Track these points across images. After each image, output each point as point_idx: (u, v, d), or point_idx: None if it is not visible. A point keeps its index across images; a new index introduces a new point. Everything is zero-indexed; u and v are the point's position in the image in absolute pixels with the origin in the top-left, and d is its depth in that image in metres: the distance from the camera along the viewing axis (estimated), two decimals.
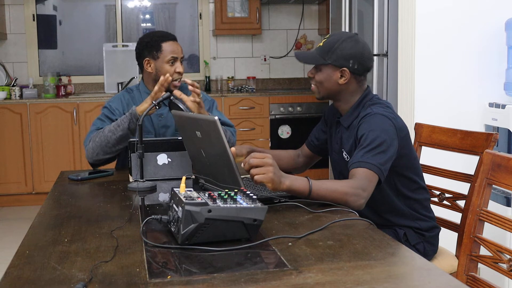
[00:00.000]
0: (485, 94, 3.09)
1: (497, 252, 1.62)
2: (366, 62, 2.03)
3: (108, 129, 2.40)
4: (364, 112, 1.98)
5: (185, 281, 1.23)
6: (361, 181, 1.81)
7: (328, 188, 1.80)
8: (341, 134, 2.09)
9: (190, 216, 1.39)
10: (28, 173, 5.04)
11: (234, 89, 5.66)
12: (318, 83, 2.05)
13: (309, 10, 6.00)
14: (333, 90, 2.04)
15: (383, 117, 1.92)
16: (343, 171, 2.10)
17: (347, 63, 2.00)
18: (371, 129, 1.90)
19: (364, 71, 2.04)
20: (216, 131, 1.75)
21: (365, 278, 1.23)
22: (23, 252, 1.44)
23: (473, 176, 2.08)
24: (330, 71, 2.02)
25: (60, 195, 2.10)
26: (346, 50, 2.00)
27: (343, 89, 2.04)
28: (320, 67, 2.04)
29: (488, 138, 2.03)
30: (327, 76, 2.03)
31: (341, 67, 2.00)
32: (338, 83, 2.02)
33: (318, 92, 2.08)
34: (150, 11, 6.00)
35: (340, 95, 2.05)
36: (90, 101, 5.10)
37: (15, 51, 5.57)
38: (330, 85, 2.03)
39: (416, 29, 3.04)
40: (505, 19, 3.01)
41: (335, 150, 2.14)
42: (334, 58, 2.00)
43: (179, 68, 2.54)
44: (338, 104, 2.10)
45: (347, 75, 2.01)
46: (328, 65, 2.02)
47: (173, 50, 2.54)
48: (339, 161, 2.12)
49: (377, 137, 1.87)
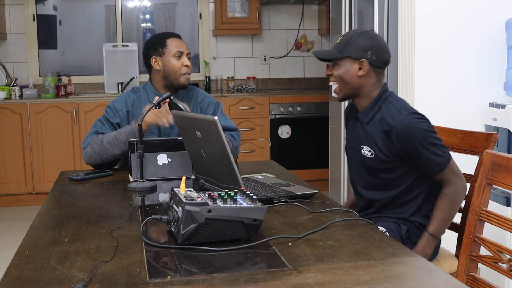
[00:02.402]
0: (485, 94, 3.09)
1: (497, 252, 1.62)
2: (384, 54, 2.06)
3: (106, 140, 2.39)
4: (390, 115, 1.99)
5: (185, 281, 1.23)
6: (457, 180, 1.98)
7: (445, 216, 1.98)
8: (358, 130, 2.10)
9: (190, 216, 1.39)
10: (28, 173, 5.04)
11: (234, 89, 5.66)
12: (338, 78, 2.06)
13: (309, 10, 6.00)
14: (354, 84, 2.05)
15: (414, 118, 1.97)
16: (359, 168, 2.13)
17: (365, 54, 2.02)
18: (419, 136, 1.95)
19: (382, 63, 2.06)
20: (216, 131, 1.75)
21: (365, 278, 1.23)
22: (23, 252, 1.44)
23: (473, 176, 2.08)
24: (348, 64, 2.04)
25: (60, 195, 2.10)
26: (363, 43, 2.03)
27: (363, 83, 2.05)
28: (338, 62, 2.06)
29: (488, 138, 2.03)
30: (346, 70, 2.04)
31: (359, 59, 2.02)
32: (357, 75, 2.03)
33: (341, 90, 2.09)
34: (150, 11, 6.00)
35: (361, 89, 2.06)
36: (90, 101, 5.10)
37: (15, 51, 5.57)
38: (349, 78, 2.04)
39: (416, 29, 3.03)
40: (505, 19, 3.01)
41: (351, 147, 2.15)
42: (352, 50, 2.02)
43: (187, 62, 2.56)
44: (357, 101, 2.10)
45: (365, 67, 2.02)
46: (346, 58, 2.03)
47: (178, 45, 2.57)
48: (355, 158, 2.13)
49: (428, 136, 1.95)
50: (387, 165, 2.03)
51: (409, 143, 1.95)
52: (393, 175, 2.04)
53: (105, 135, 2.43)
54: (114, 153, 2.38)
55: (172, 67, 2.54)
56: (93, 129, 2.51)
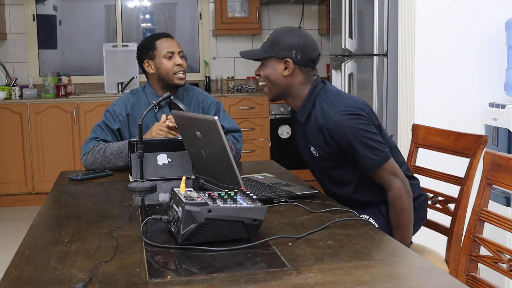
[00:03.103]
0: (485, 94, 3.09)
1: (497, 252, 1.62)
2: (310, 53, 2.01)
3: (110, 151, 2.39)
4: (321, 112, 1.96)
5: (185, 281, 1.23)
6: (394, 183, 1.93)
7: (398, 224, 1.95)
8: (302, 129, 2.08)
9: (190, 216, 1.39)
10: (28, 173, 5.04)
11: (234, 89, 5.66)
12: (266, 79, 2.04)
13: (309, 10, 6.00)
14: (281, 84, 2.02)
15: (346, 115, 1.92)
16: (314, 168, 2.12)
17: (289, 54, 1.99)
18: (349, 132, 1.90)
19: (308, 61, 2.02)
20: (216, 131, 1.75)
21: (365, 278, 1.23)
22: (23, 252, 1.44)
23: (463, 179, 2.05)
24: (274, 64, 2.01)
25: (60, 195, 2.10)
26: (287, 42, 2.00)
27: (290, 82, 2.02)
28: (265, 62, 2.03)
29: (478, 141, 2.00)
30: (272, 70, 2.02)
31: (283, 58, 1.99)
32: (283, 75, 2.01)
33: (269, 91, 2.06)
34: (150, 11, 6.00)
35: (289, 89, 2.03)
36: (90, 101, 5.10)
37: (15, 51, 5.57)
38: (276, 78, 2.02)
39: (416, 29, 3.04)
40: (505, 19, 3.01)
41: (301, 147, 2.13)
42: (277, 50, 2.00)
43: (178, 61, 2.55)
44: (290, 101, 2.08)
45: (291, 66, 2.00)
46: (271, 58, 2.01)
47: (168, 46, 2.56)
48: (308, 157, 2.11)
49: (359, 135, 1.90)
50: (332, 162, 2.01)
51: (341, 140, 1.92)
52: (342, 171, 2.02)
53: (108, 145, 2.41)
54: (118, 165, 2.39)
55: (165, 69, 2.54)
56: (92, 135, 2.50)
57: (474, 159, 2.00)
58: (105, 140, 2.49)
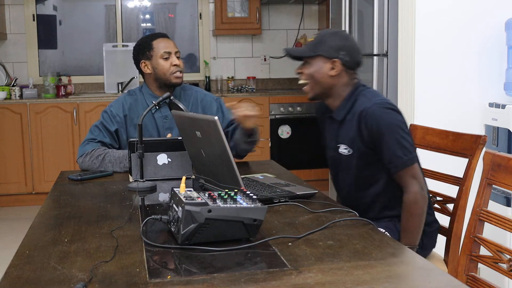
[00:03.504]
0: (485, 94, 3.09)
1: (497, 252, 1.62)
2: (357, 56, 2.03)
3: (109, 159, 2.38)
4: (361, 104, 1.97)
5: (185, 281, 1.23)
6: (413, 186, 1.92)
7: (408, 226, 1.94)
8: (335, 130, 2.08)
9: (190, 216, 1.39)
10: (28, 173, 5.04)
11: (234, 89, 5.66)
12: (309, 77, 2.03)
13: (309, 10, 6.00)
14: (325, 84, 2.02)
15: (385, 108, 1.94)
16: (339, 169, 2.11)
17: (337, 54, 1.99)
18: (382, 122, 1.91)
19: (355, 64, 2.03)
20: (216, 131, 1.75)
21: (365, 278, 1.23)
22: (23, 252, 1.44)
23: (461, 179, 2.04)
24: (320, 63, 2.01)
25: (60, 195, 2.10)
26: (336, 43, 2.00)
27: (335, 83, 2.02)
28: (310, 60, 2.02)
29: (477, 141, 1.99)
30: (318, 68, 2.01)
31: (331, 58, 2.00)
32: (329, 75, 2.01)
33: (311, 89, 2.05)
34: (150, 11, 5.99)
35: (332, 90, 2.03)
36: (90, 101, 5.10)
37: (15, 51, 5.57)
38: (320, 77, 2.01)
39: (416, 29, 3.03)
40: (505, 19, 3.01)
41: (331, 147, 2.13)
42: (325, 49, 1.99)
43: (175, 61, 2.55)
44: (329, 101, 2.07)
45: (338, 67, 2.00)
46: (318, 57, 2.01)
47: (164, 46, 2.56)
48: (335, 159, 2.11)
49: (393, 130, 1.91)
50: (362, 160, 2.01)
51: (374, 129, 1.92)
52: (369, 171, 2.02)
53: (108, 152, 2.41)
54: (115, 170, 2.39)
55: (162, 69, 2.53)
56: (90, 136, 2.50)
57: (472, 159, 2.00)
58: (102, 141, 2.48)
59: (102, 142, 2.48)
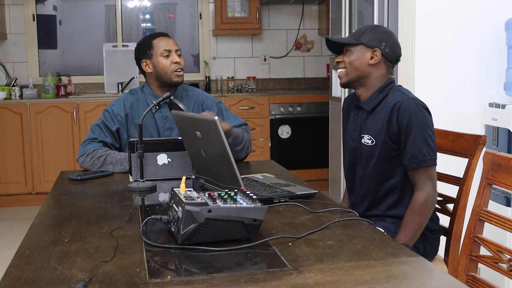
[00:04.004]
0: (485, 94, 3.09)
1: (497, 252, 1.62)
2: (397, 50, 2.08)
3: (110, 160, 2.39)
4: (397, 97, 1.99)
5: (185, 281, 1.23)
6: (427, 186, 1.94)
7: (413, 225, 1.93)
8: (361, 120, 2.09)
9: (190, 216, 1.39)
10: (28, 173, 5.04)
11: (234, 89, 5.66)
12: (348, 64, 2.06)
13: (309, 10, 6.00)
14: (362, 71, 2.05)
15: (421, 106, 1.97)
16: (357, 161, 2.10)
17: (379, 45, 2.04)
18: (415, 118, 1.93)
19: (394, 57, 2.07)
20: (216, 131, 1.75)
21: (365, 278, 1.23)
22: (23, 252, 1.44)
23: (461, 179, 2.04)
24: (361, 52, 2.05)
25: (60, 195, 2.10)
26: (378, 34, 2.05)
27: (371, 72, 2.05)
28: (351, 48, 2.06)
29: (477, 141, 1.99)
30: (358, 55, 2.05)
31: (373, 48, 2.04)
32: (368, 63, 2.04)
33: (346, 75, 2.08)
34: (150, 11, 5.99)
35: (367, 78, 2.06)
36: (90, 101, 5.10)
37: (15, 51, 5.57)
38: (360, 64, 2.04)
39: (416, 29, 3.03)
40: (505, 19, 3.01)
41: (353, 138, 2.12)
42: (368, 39, 2.04)
43: (176, 58, 2.55)
44: (361, 91, 2.09)
45: (378, 56, 2.04)
46: (360, 45, 2.05)
47: (165, 44, 2.56)
48: (356, 149, 2.10)
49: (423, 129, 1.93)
50: (383, 153, 2.01)
51: (404, 121, 1.94)
52: (388, 165, 2.02)
53: (109, 154, 2.41)
54: (115, 171, 2.39)
55: (162, 67, 2.54)
56: (91, 135, 2.50)
57: (472, 159, 2.00)
58: (104, 141, 2.48)
59: (103, 142, 2.48)
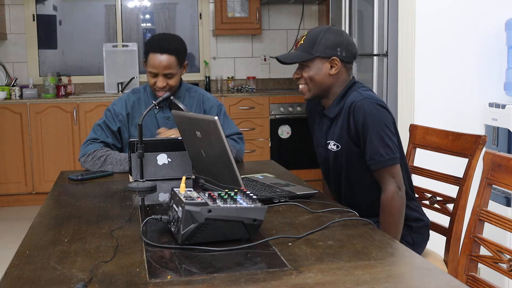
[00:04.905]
0: (485, 94, 3.09)
1: (497, 252, 1.62)
2: (352, 48, 2.01)
3: (110, 161, 2.39)
4: (352, 98, 1.95)
5: (185, 281, 1.23)
6: (390, 185, 1.92)
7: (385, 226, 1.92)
8: (326, 127, 2.06)
9: (190, 216, 1.39)
10: (28, 173, 5.04)
11: (234, 89, 5.66)
12: (308, 80, 1.99)
13: (309, 10, 6.00)
14: (325, 84, 1.99)
15: (376, 104, 1.92)
16: (329, 167, 2.09)
17: (335, 52, 1.96)
18: (370, 117, 1.89)
19: (352, 57, 2.01)
20: (216, 131, 1.75)
21: (365, 278, 1.23)
22: (23, 252, 1.44)
23: (461, 179, 2.03)
24: (319, 64, 1.98)
25: (60, 195, 2.10)
26: (331, 40, 1.97)
27: (335, 81, 2.00)
28: (307, 63, 1.98)
29: (477, 141, 1.99)
30: (317, 70, 1.98)
31: (330, 57, 1.97)
32: (329, 74, 1.98)
33: (309, 91, 2.01)
34: (150, 11, 5.99)
35: (331, 88, 2.01)
36: (90, 101, 5.10)
37: (15, 51, 5.57)
38: (321, 78, 1.98)
39: (416, 29, 3.03)
40: (505, 19, 3.01)
41: (320, 145, 2.10)
42: (321, 49, 1.96)
43: (159, 83, 2.46)
44: (324, 101, 2.05)
45: (337, 64, 1.97)
46: (316, 59, 1.97)
47: (153, 65, 2.45)
48: (325, 156, 2.09)
49: (379, 128, 1.89)
50: (349, 157, 1.98)
51: (360, 122, 1.90)
52: (356, 169, 1.99)
53: (110, 154, 2.41)
54: (115, 172, 2.39)
55: (149, 81, 2.52)
56: (93, 135, 2.50)
57: (472, 159, 2.00)
58: (105, 141, 2.48)
59: (104, 143, 2.48)
